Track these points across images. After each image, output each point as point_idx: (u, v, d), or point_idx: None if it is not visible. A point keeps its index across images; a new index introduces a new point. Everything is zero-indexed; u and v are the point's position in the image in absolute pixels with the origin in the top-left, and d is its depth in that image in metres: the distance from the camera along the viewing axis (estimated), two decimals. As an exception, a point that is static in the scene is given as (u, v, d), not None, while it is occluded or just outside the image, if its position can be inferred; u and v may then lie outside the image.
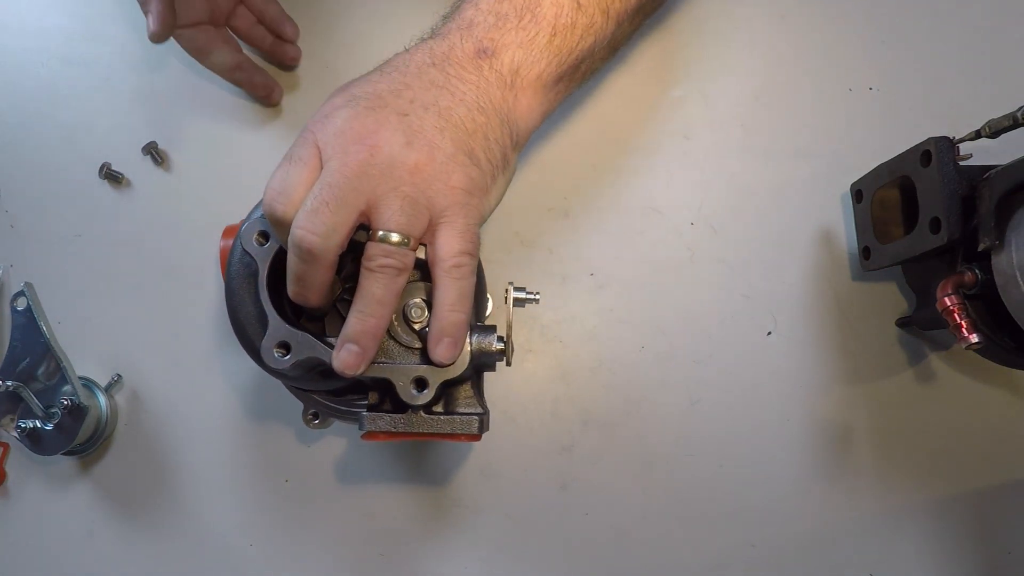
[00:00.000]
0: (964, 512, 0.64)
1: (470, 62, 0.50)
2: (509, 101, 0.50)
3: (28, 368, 0.62)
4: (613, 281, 0.67)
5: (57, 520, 0.65)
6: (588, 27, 0.53)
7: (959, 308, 0.54)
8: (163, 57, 0.71)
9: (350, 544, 0.64)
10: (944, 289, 0.55)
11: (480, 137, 0.49)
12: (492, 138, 0.49)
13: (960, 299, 0.54)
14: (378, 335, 0.47)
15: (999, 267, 0.53)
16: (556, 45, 0.51)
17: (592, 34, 0.53)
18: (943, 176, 0.54)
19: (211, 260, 0.66)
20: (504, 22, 0.50)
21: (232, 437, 0.66)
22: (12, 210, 0.69)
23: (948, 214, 0.54)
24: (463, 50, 0.50)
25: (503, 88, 0.50)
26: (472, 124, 0.48)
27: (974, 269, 0.54)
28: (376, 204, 0.45)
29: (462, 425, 0.49)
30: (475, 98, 0.49)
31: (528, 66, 0.51)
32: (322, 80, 0.70)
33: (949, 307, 0.54)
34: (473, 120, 0.48)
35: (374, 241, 0.46)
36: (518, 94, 0.51)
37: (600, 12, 0.53)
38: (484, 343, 0.50)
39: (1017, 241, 0.51)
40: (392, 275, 0.46)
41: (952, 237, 0.53)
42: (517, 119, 0.51)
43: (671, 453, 0.65)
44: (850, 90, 0.69)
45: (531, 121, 0.53)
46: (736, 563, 0.64)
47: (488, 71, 0.50)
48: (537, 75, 0.51)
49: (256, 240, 0.49)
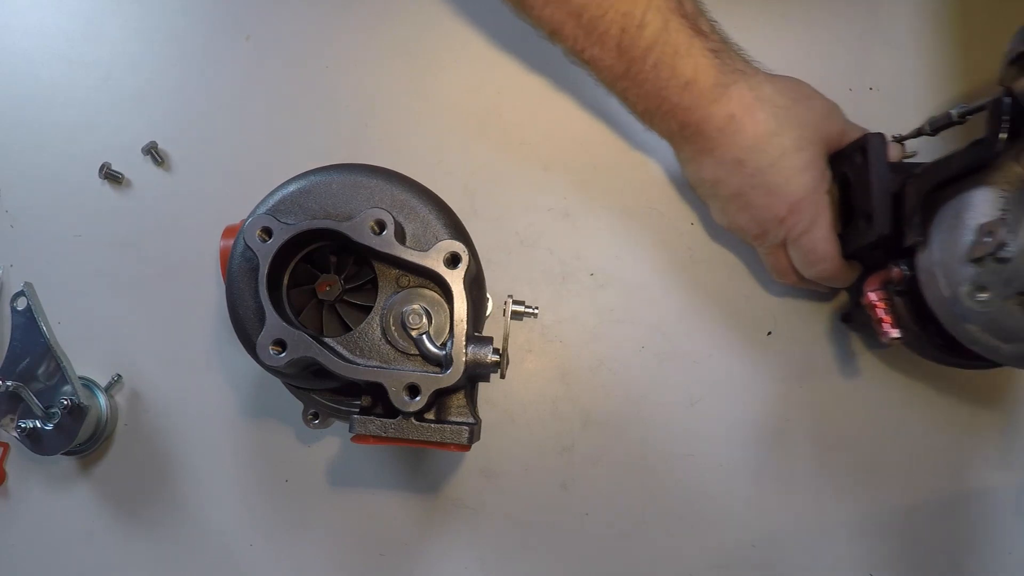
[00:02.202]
0: (965, 512, 0.64)
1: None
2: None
3: (28, 368, 0.62)
4: (613, 281, 0.67)
5: (57, 520, 0.65)
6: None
7: (883, 303, 0.54)
8: (163, 57, 0.71)
9: (350, 544, 0.64)
10: (870, 284, 0.55)
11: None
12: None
13: (885, 294, 0.54)
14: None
15: (922, 264, 0.52)
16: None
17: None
18: (874, 171, 0.54)
19: (211, 260, 0.66)
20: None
21: (232, 437, 0.66)
22: (12, 210, 0.69)
23: (878, 210, 0.53)
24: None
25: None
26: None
27: (901, 266, 0.54)
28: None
29: (452, 435, 0.49)
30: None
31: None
32: (324, 79, 0.70)
33: (872, 302, 0.54)
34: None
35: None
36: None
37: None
38: (480, 354, 0.50)
39: (939, 238, 0.51)
40: None
41: (881, 233, 0.53)
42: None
43: (671, 453, 0.65)
44: (850, 90, 0.69)
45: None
46: (736, 563, 0.64)
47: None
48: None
49: (259, 236, 0.50)
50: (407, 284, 0.52)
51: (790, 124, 0.55)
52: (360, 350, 0.51)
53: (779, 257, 0.60)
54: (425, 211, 0.52)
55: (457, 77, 0.70)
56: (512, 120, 0.69)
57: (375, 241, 0.49)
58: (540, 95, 0.69)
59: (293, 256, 0.53)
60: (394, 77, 0.69)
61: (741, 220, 0.59)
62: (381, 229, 0.50)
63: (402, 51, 0.70)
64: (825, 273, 0.58)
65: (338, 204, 0.51)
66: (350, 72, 0.69)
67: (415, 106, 0.69)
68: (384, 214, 0.50)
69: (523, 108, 0.69)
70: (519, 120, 0.69)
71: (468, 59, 0.70)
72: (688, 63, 0.55)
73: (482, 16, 0.70)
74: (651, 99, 0.57)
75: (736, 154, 0.56)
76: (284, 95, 0.70)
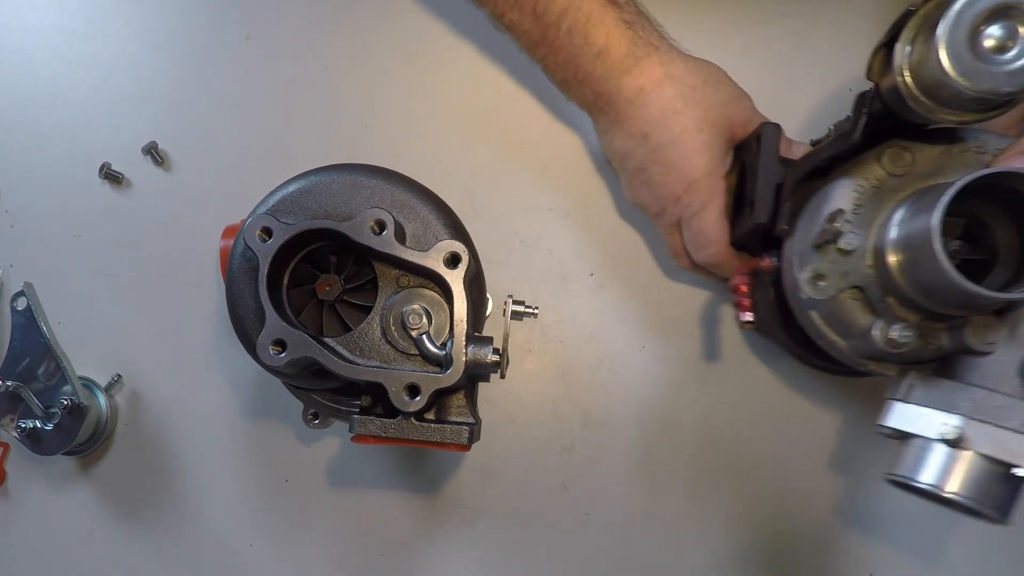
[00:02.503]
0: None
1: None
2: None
3: (28, 368, 0.62)
4: (613, 281, 0.67)
5: (57, 520, 0.65)
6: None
7: (744, 287, 0.54)
8: (163, 57, 0.71)
9: (350, 544, 0.64)
10: (739, 270, 0.55)
11: None
12: None
13: (750, 280, 0.54)
14: None
15: (785, 252, 0.52)
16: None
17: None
18: (763, 160, 0.53)
19: (211, 260, 0.66)
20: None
21: (232, 437, 0.66)
22: (12, 210, 0.69)
23: (759, 197, 0.53)
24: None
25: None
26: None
27: (772, 256, 0.54)
28: None
29: (452, 435, 0.50)
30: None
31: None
32: (324, 79, 0.70)
33: (735, 285, 0.54)
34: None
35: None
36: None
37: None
38: (480, 354, 0.50)
39: (801, 228, 0.51)
40: None
41: (758, 220, 0.53)
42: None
43: (671, 453, 0.65)
44: (850, 90, 0.69)
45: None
46: (737, 563, 0.64)
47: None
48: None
49: (259, 236, 0.50)
50: (407, 284, 0.52)
51: (696, 104, 0.55)
52: (360, 350, 0.51)
53: (675, 238, 0.61)
54: (425, 211, 0.52)
55: (457, 77, 0.70)
56: (512, 120, 0.69)
57: (375, 241, 0.49)
58: (540, 95, 0.69)
59: (293, 256, 0.53)
60: (394, 77, 0.69)
61: (644, 196, 0.60)
62: (381, 229, 0.50)
63: (402, 51, 0.70)
64: (712, 259, 0.58)
65: (338, 204, 0.52)
66: (350, 72, 0.69)
67: (415, 106, 0.69)
68: (384, 214, 0.50)
69: (523, 108, 0.69)
70: (519, 120, 0.69)
71: (468, 59, 0.70)
72: (600, 31, 0.55)
73: (482, 16, 0.70)
74: (567, 68, 0.57)
75: (642, 128, 0.56)
76: (284, 95, 0.70)
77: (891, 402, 0.47)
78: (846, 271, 0.47)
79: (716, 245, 0.57)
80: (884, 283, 0.46)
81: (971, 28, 0.40)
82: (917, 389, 0.45)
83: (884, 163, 0.48)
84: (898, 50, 0.43)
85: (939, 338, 0.45)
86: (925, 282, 0.43)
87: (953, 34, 0.40)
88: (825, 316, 0.49)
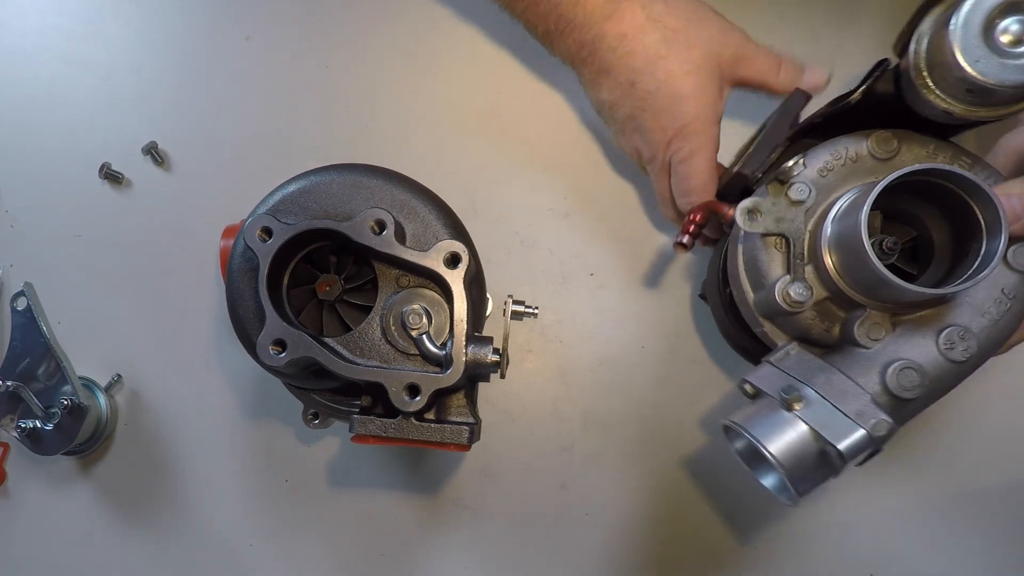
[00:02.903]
0: (966, 511, 0.64)
1: None
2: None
3: (28, 368, 0.62)
4: (613, 281, 0.67)
5: (57, 520, 0.65)
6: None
7: (700, 218, 0.53)
8: (163, 57, 0.71)
9: (350, 544, 0.64)
10: (702, 205, 0.54)
11: None
12: None
13: (705, 216, 0.53)
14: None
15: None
16: None
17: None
18: (774, 119, 0.52)
19: (211, 260, 0.66)
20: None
21: (232, 437, 0.66)
22: (12, 210, 0.69)
23: (755, 151, 0.52)
24: None
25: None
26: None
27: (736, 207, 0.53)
28: None
29: (452, 434, 0.50)
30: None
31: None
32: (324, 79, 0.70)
33: (692, 215, 0.53)
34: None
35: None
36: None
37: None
38: (480, 354, 0.50)
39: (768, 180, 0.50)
40: None
41: (742, 171, 0.51)
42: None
43: (671, 453, 0.65)
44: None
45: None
46: (737, 563, 0.64)
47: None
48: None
49: (259, 236, 0.50)
50: (407, 284, 0.52)
51: (680, 46, 0.54)
52: (360, 350, 0.51)
53: (664, 184, 0.59)
54: (425, 211, 0.52)
55: (457, 77, 0.70)
56: (512, 120, 0.69)
57: (375, 241, 0.49)
58: (540, 95, 0.69)
59: (293, 256, 0.53)
60: (394, 77, 0.69)
61: (635, 142, 0.59)
62: (381, 229, 0.50)
63: (402, 51, 0.70)
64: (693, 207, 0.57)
65: (338, 204, 0.52)
66: (350, 72, 0.69)
67: (415, 106, 0.69)
68: (384, 214, 0.50)
69: (523, 108, 0.69)
70: (519, 120, 0.69)
71: (468, 59, 0.70)
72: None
73: (482, 16, 0.70)
74: (548, 18, 0.57)
75: (629, 76, 0.55)
76: (284, 95, 0.70)
77: (764, 363, 0.48)
78: (782, 217, 0.47)
79: (702, 193, 0.56)
80: (811, 250, 0.47)
81: (986, 19, 0.40)
82: (791, 358, 0.47)
83: (871, 142, 0.48)
84: (920, 29, 0.44)
85: (833, 322, 0.46)
86: (848, 262, 0.44)
87: (969, 20, 0.40)
88: (747, 259, 0.49)
